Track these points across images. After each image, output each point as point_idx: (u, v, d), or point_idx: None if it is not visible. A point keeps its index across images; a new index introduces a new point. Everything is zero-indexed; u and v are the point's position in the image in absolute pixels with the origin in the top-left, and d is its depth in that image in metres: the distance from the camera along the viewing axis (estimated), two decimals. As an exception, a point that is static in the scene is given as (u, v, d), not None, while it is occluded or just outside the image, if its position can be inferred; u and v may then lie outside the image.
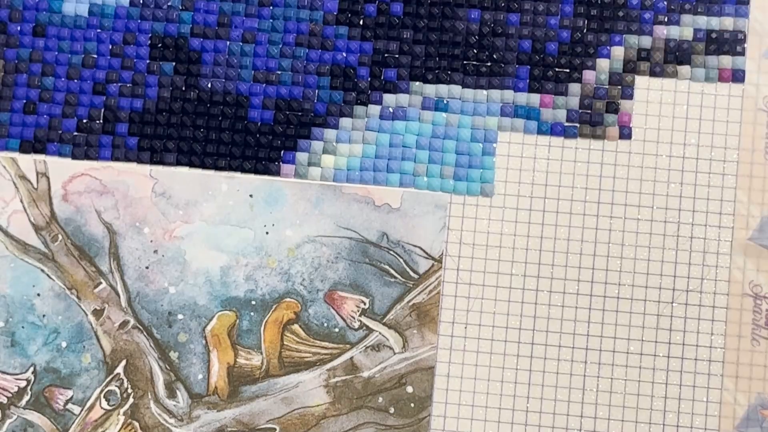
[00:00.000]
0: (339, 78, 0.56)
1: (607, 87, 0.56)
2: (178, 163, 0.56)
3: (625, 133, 0.55)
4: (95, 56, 0.57)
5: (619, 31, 0.56)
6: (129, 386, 0.54)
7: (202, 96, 0.56)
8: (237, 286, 0.55)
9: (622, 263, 0.54)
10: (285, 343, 0.54)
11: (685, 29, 0.56)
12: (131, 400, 0.54)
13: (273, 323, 0.54)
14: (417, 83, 0.56)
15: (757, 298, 0.53)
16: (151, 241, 0.55)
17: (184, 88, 0.56)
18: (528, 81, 0.56)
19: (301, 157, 0.56)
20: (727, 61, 0.55)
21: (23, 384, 0.54)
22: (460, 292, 0.54)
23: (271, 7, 0.57)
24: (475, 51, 0.56)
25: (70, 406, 0.54)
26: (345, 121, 0.56)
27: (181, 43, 0.57)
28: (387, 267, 0.55)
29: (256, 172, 0.56)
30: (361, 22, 0.56)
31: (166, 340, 0.54)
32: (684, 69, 0.55)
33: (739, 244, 0.54)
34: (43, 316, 0.55)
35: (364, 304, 0.54)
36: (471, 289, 0.54)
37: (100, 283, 0.55)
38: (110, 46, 0.57)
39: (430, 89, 0.56)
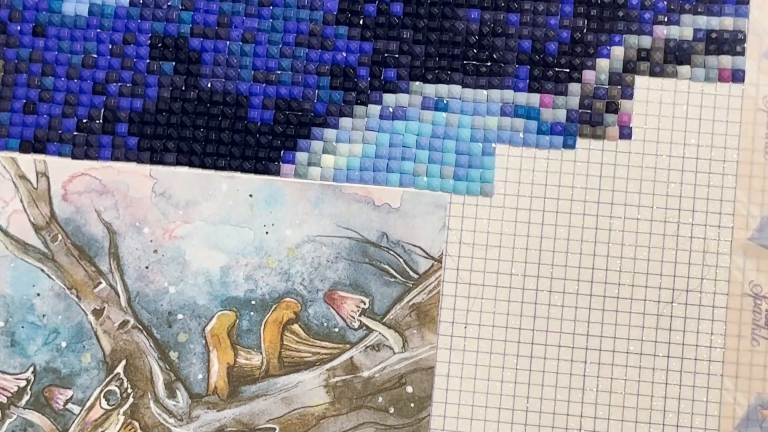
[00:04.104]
0: (339, 78, 0.56)
1: (607, 87, 0.56)
2: (178, 163, 0.56)
3: (625, 133, 0.55)
4: (95, 56, 0.57)
5: (619, 31, 0.56)
6: (129, 386, 0.54)
7: (202, 96, 0.56)
8: (237, 286, 0.55)
9: (622, 263, 0.54)
10: (285, 342, 0.54)
11: (685, 29, 0.56)
12: (131, 399, 0.54)
13: (273, 323, 0.54)
14: (417, 83, 0.56)
15: (757, 298, 0.53)
16: (151, 241, 0.55)
17: (184, 88, 0.56)
18: (528, 81, 0.56)
19: (301, 157, 0.56)
20: (727, 61, 0.55)
21: (23, 384, 0.54)
22: (459, 291, 0.54)
23: (271, 7, 0.57)
24: (475, 51, 0.56)
25: (69, 405, 0.54)
26: (345, 121, 0.56)
27: (181, 43, 0.57)
28: (387, 267, 0.55)
29: (256, 172, 0.56)
30: (361, 22, 0.56)
31: (165, 340, 0.54)
32: (684, 69, 0.55)
33: (739, 244, 0.54)
34: (43, 315, 0.55)
35: (364, 303, 0.54)
36: (471, 289, 0.54)
37: (100, 282, 0.55)
38: (110, 46, 0.57)
39: (430, 89, 0.56)
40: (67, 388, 0.54)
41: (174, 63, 0.57)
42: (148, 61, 0.57)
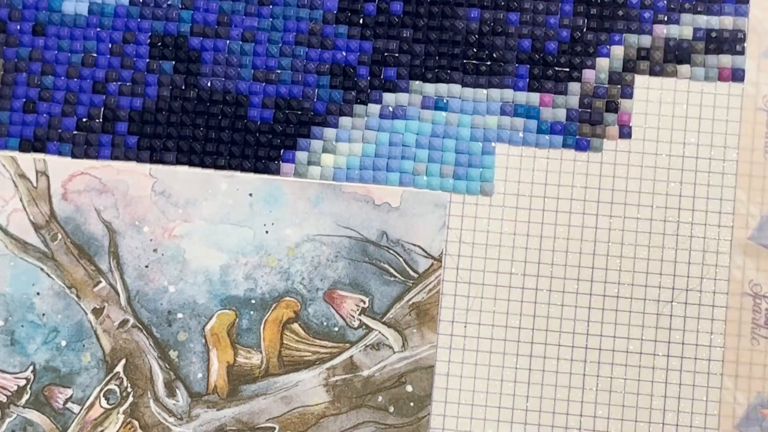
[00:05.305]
0: (339, 77, 0.56)
1: (606, 86, 0.56)
2: (178, 162, 0.56)
3: (625, 133, 0.55)
4: (95, 55, 0.57)
5: (618, 30, 0.56)
6: (128, 385, 0.54)
7: (201, 95, 0.56)
8: (236, 285, 0.55)
9: (622, 263, 0.54)
10: (284, 342, 0.54)
11: (684, 28, 0.56)
12: (131, 398, 0.54)
13: (272, 322, 0.54)
14: (417, 82, 0.56)
15: (757, 297, 0.53)
16: (151, 240, 0.55)
17: (183, 87, 0.56)
18: (528, 80, 0.56)
19: (301, 156, 0.56)
20: (726, 60, 0.55)
21: (23, 383, 0.54)
22: (459, 291, 0.54)
23: (270, 6, 0.57)
24: (475, 50, 0.56)
25: (69, 404, 0.54)
26: (345, 120, 0.56)
27: (180, 42, 0.57)
28: (386, 266, 0.55)
29: (256, 171, 0.56)
30: (361, 22, 0.56)
31: (165, 339, 0.54)
32: (684, 68, 0.55)
33: (738, 243, 0.54)
34: (43, 314, 0.55)
35: (364, 303, 0.54)
36: (471, 288, 0.54)
37: (100, 281, 0.55)
38: (110, 45, 0.57)
39: (430, 88, 0.56)
40: (66, 387, 0.54)
41: (174, 62, 0.57)
42: (147, 60, 0.57)
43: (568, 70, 0.56)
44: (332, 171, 0.55)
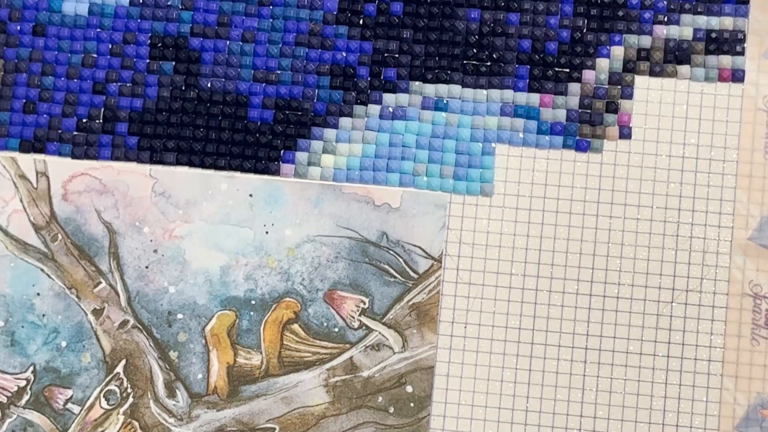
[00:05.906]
0: (339, 77, 0.56)
1: (606, 87, 0.56)
2: (178, 163, 0.56)
3: (625, 133, 0.55)
4: (95, 56, 0.57)
5: (618, 30, 0.56)
6: (129, 386, 0.54)
7: (201, 95, 0.56)
8: (237, 285, 0.55)
9: (622, 263, 0.54)
10: (285, 342, 0.54)
11: (684, 29, 0.56)
12: (131, 399, 0.54)
13: (273, 323, 0.54)
14: (417, 83, 0.56)
15: (757, 297, 0.53)
16: (151, 241, 0.55)
17: (183, 88, 0.56)
18: (528, 81, 0.56)
19: (301, 156, 0.56)
20: (726, 60, 0.55)
21: (23, 383, 0.54)
22: (459, 291, 0.54)
23: (270, 7, 0.57)
24: (475, 51, 0.56)
25: (69, 405, 0.54)
26: (345, 121, 0.56)
27: (181, 43, 0.57)
28: (387, 266, 0.55)
29: (256, 171, 0.56)
30: (361, 22, 0.56)
31: (165, 340, 0.54)
32: (684, 69, 0.55)
33: (738, 244, 0.54)
34: (43, 315, 0.55)
35: (364, 303, 0.54)
36: (471, 289, 0.54)
37: (100, 282, 0.55)
38: (110, 46, 0.57)
39: (430, 89, 0.56)
40: (67, 387, 0.54)
41: (174, 63, 0.57)
42: (148, 60, 0.57)
43: (568, 70, 0.56)
44: (332, 171, 0.55)
